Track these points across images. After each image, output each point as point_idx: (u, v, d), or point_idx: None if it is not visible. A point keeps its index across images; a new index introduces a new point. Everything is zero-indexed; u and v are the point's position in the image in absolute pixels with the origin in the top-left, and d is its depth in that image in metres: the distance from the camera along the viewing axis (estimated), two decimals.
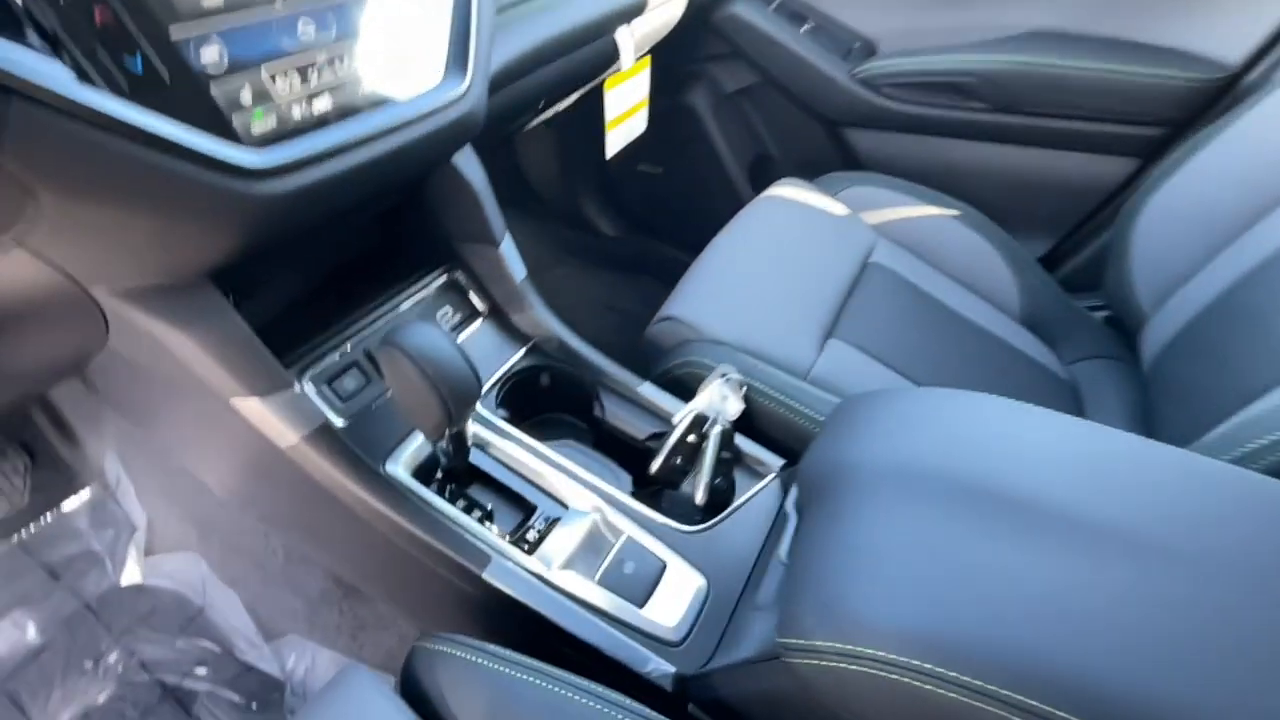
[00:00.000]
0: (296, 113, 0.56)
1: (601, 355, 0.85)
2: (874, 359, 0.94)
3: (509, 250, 0.85)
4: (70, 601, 1.08)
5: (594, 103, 1.29)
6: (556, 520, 0.70)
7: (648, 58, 1.35)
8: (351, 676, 0.49)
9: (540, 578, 0.65)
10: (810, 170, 1.31)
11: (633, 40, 1.21)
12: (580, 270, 1.93)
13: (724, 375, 0.78)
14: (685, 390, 0.86)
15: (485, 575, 0.64)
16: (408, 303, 0.82)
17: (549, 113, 1.36)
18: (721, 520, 0.72)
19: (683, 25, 1.36)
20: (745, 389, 0.81)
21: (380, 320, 0.80)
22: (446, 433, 0.63)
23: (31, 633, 1.05)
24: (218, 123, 0.50)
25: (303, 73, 0.55)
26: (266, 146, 0.53)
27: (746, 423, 0.82)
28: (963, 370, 0.96)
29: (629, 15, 1.14)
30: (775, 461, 0.79)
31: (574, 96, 1.33)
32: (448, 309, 0.85)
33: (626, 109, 1.33)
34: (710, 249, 1.10)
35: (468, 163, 0.80)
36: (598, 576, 0.66)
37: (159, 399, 0.74)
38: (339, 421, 0.71)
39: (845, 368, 0.93)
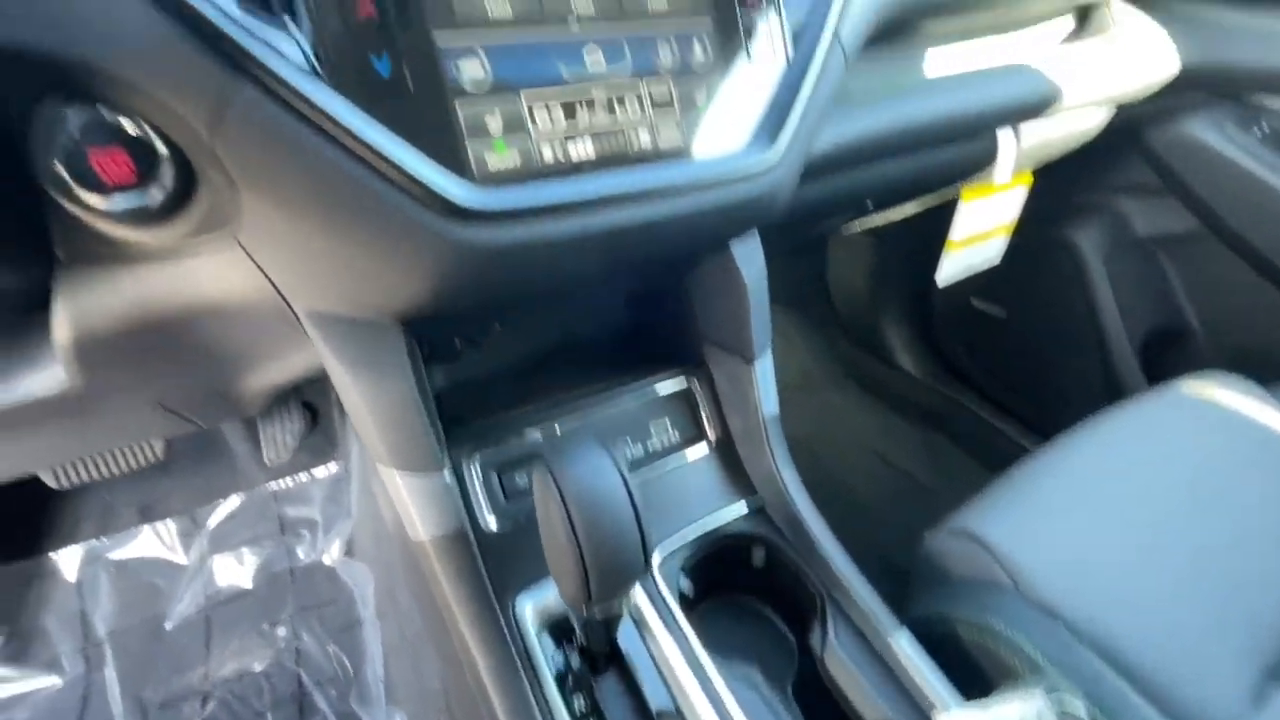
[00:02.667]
0: (548, 153, 0.44)
1: (849, 561, 0.57)
2: None
3: (764, 372, 0.63)
4: (282, 559, 1.18)
5: (938, 216, 1.03)
6: None
7: (1029, 174, 1.04)
8: None
9: None
10: (1253, 366, 0.85)
11: (1016, 148, 0.92)
12: (858, 401, 1.62)
13: (1056, 699, 0.44)
14: (970, 667, 0.53)
15: None
16: (626, 399, 0.67)
17: (878, 218, 1.13)
18: None
19: (1096, 143, 1.02)
20: None
21: (584, 412, 0.65)
22: (584, 609, 0.44)
23: (246, 574, 1.16)
24: (446, 148, 0.41)
25: (569, 109, 0.44)
26: (498, 186, 0.42)
27: None
28: None
29: (1019, 115, 0.86)
30: None
31: (914, 203, 1.08)
32: (666, 422, 0.67)
33: (982, 231, 1.03)
34: (1066, 447, 0.74)
35: (748, 253, 0.62)
36: None
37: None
38: (493, 524, 0.57)
39: None
